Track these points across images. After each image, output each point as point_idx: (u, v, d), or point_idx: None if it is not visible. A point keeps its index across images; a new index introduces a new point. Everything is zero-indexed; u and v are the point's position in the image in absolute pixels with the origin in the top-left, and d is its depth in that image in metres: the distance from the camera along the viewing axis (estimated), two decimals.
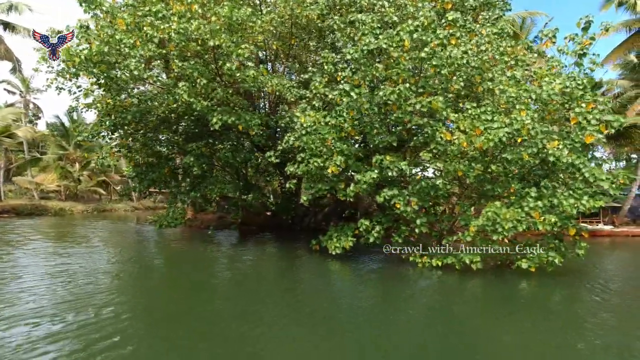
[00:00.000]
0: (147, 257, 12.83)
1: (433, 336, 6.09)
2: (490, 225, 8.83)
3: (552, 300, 8.35)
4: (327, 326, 6.35)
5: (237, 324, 6.24)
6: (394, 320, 6.64)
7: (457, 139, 8.60)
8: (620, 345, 5.72)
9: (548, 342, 5.81)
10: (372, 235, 10.67)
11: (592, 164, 9.25)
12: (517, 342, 5.88)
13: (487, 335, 6.18)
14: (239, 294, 8.36)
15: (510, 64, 10.34)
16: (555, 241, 9.99)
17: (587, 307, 7.90)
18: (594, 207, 8.77)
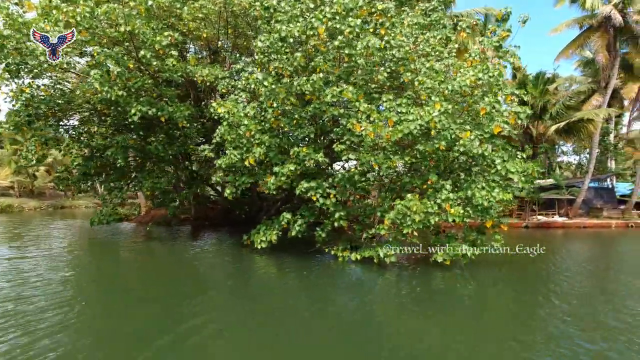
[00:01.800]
0: (59, 255, 12.23)
1: (336, 329, 6.00)
2: (401, 218, 8.72)
3: (453, 293, 8.30)
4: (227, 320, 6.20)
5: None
6: (303, 314, 6.60)
7: (365, 130, 8.41)
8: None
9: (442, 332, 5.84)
10: (294, 229, 10.45)
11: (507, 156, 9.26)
12: (426, 335, 5.86)
13: (394, 328, 6.14)
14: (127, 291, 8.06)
15: (432, 55, 10.20)
16: (474, 233, 9.97)
17: (495, 298, 7.92)
18: (504, 199, 8.76)
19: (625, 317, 6.53)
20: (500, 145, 9.41)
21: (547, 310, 7.03)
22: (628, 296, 8.05)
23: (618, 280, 9.84)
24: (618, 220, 28.66)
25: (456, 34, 10.26)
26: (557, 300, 7.69)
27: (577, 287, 8.76)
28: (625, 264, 11.91)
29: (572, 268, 10.98)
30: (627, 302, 7.55)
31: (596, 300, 7.67)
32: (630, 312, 6.77)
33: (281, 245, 13.16)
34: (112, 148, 11.96)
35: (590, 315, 6.70)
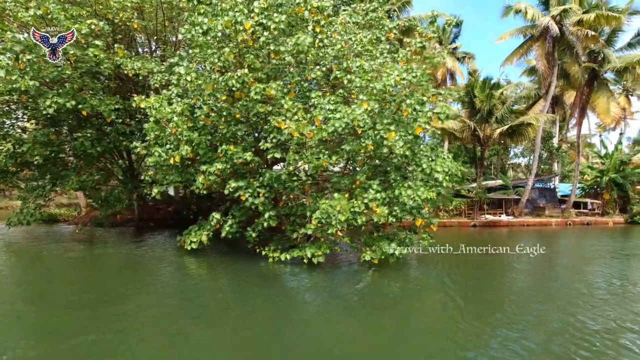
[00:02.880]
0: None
1: (260, 330, 5.77)
2: (326, 217, 8.61)
3: (379, 293, 8.31)
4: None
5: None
6: (228, 315, 6.35)
7: (288, 129, 8.23)
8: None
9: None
10: (224, 229, 10.09)
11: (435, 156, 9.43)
12: (349, 335, 5.76)
13: (317, 327, 6.02)
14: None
15: (364, 54, 10.21)
16: (404, 233, 10.07)
17: (420, 298, 7.96)
18: (428, 197, 8.88)
19: (532, 311, 6.78)
20: (429, 145, 9.57)
21: (469, 308, 7.15)
22: (533, 297, 8.40)
23: (533, 279, 10.30)
24: (558, 219, 30.51)
25: (385, 34, 10.33)
26: (481, 297, 7.89)
27: (498, 284, 9.04)
28: (542, 264, 12.47)
29: (496, 266, 11.37)
30: (532, 304, 7.86)
31: (514, 296, 7.94)
32: (537, 310, 7.03)
33: (219, 246, 12.77)
34: (27, 143, 11.01)
35: (519, 313, 6.87)
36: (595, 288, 8.62)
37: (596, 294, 8.07)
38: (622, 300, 7.50)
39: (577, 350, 5.14)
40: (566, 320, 6.32)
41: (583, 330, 5.87)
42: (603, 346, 5.29)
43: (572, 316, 6.52)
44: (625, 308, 6.97)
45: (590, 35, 23.34)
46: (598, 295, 7.89)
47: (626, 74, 25.49)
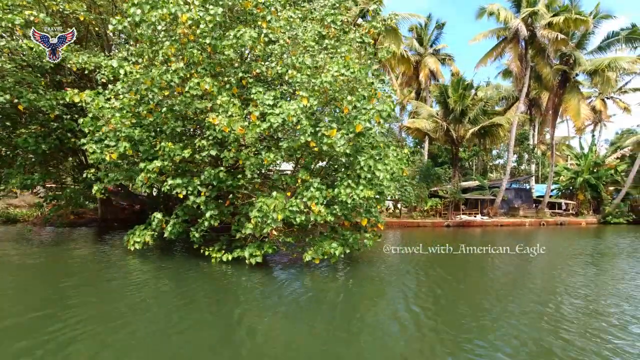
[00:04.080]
0: None
1: (196, 333, 5.55)
2: (261, 216, 8.39)
3: (319, 293, 8.12)
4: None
5: None
6: (162, 317, 6.14)
7: (219, 124, 7.99)
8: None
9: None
10: (166, 230, 9.79)
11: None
12: (286, 335, 5.65)
13: (254, 328, 5.87)
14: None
15: (309, 50, 9.99)
16: (348, 232, 9.89)
17: (360, 298, 7.79)
18: (367, 196, 8.71)
19: (482, 311, 6.66)
20: (375, 143, 9.44)
21: (410, 307, 7.02)
22: (473, 294, 8.31)
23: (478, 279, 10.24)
24: (532, 219, 30.82)
25: (326, 29, 10.14)
26: (420, 296, 7.77)
27: (443, 282, 8.93)
28: (497, 266, 12.44)
29: (442, 265, 11.31)
30: (482, 302, 7.77)
31: (448, 295, 7.83)
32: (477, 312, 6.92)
33: (170, 246, 12.48)
34: None
35: (459, 312, 6.77)
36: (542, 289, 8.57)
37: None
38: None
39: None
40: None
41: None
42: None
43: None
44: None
45: (560, 38, 23.62)
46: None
47: (596, 77, 25.86)
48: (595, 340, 5.60)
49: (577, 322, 6.39)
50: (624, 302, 7.70)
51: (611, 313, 6.95)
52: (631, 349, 5.34)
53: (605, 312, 7.00)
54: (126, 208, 21.01)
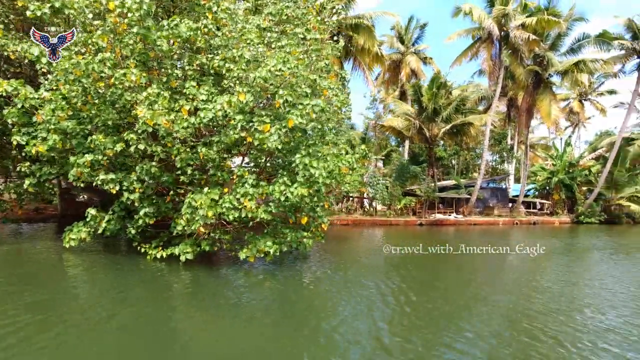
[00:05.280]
0: None
1: (124, 332, 5.46)
2: (190, 212, 8.21)
3: (251, 292, 7.98)
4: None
5: None
6: (91, 316, 5.99)
7: (143, 117, 7.76)
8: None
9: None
10: (101, 226, 9.54)
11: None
12: (212, 334, 5.55)
13: (182, 327, 5.78)
14: None
15: (252, 43, 9.78)
16: (287, 230, 9.73)
17: (293, 296, 7.66)
18: (302, 194, 8.56)
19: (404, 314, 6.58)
20: (307, 141, 9.30)
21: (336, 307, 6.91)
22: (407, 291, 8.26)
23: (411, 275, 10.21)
24: (506, 218, 31.08)
25: (265, 22, 9.93)
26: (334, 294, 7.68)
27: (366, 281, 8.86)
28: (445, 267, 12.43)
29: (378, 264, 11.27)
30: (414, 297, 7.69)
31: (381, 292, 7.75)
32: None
33: (111, 243, 12.26)
34: None
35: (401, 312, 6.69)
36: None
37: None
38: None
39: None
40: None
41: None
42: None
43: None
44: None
45: (532, 39, 23.75)
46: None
47: (567, 78, 26.11)
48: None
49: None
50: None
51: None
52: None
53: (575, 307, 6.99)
54: (87, 203, 20.60)
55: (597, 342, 5.57)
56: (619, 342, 5.58)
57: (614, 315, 6.88)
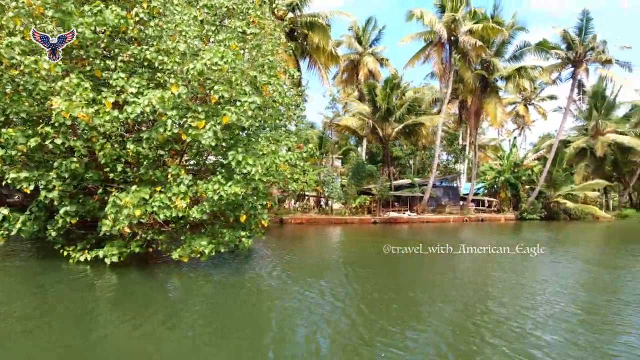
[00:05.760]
0: None
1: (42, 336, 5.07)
2: (115, 212, 7.70)
3: (183, 293, 7.64)
4: None
5: None
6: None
7: (57, 109, 7.17)
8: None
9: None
10: (15, 228, 8.72)
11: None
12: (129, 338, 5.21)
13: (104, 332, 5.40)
14: None
15: (187, 35, 9.36)
16: (225, 230, 9.43)
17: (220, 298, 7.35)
18: (236, 192, 8.31)
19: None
20: (246, 138, 9.07)
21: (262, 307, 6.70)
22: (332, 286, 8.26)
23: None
24: (457, 216, 32.49)
25: (199, 13, 9.54)
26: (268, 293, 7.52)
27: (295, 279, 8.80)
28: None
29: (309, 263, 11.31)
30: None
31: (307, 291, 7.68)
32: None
33: (31, 246, 11.35)
34: None
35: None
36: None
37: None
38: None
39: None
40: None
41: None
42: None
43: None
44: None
45: (479, 44, 24.91)
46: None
47: (510, 82, 27.71)
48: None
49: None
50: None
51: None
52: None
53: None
54: (22, 202, 18.96)
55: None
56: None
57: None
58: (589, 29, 28.81)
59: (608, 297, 7.96)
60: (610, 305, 7.30)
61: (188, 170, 10.15)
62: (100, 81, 8.65)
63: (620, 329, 6.10)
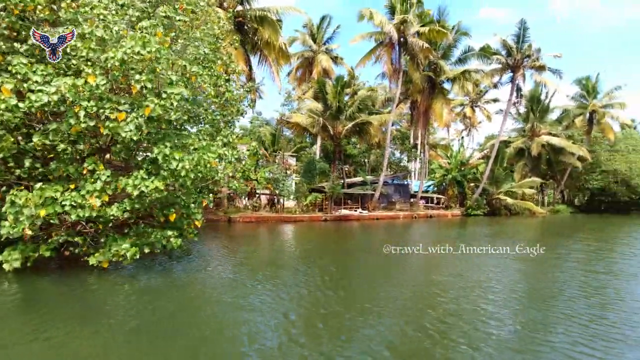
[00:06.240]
0: None
1: None
2: (14, 212, 6.92)
3: (94, 302, 7.01)
4: None
5: None
6: None
7: None
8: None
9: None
10: None
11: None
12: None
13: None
14: None
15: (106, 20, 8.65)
16: (151, 230, 8.88)
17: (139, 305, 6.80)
18: (159, 188, 7.82)
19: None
20: (175, 132, 8.57)
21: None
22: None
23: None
24: (406, 212, 33.54)
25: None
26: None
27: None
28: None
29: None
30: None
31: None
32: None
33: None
34: None
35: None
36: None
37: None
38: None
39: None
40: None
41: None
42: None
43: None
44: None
45: (425, 47, 25.76)
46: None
47: (455, 84, 29.02)
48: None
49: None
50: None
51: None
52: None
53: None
54: None
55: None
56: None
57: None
58: (526, 37, 30.93)
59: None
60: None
61: (114, 166, 9.43)
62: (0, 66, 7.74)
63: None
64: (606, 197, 45.75)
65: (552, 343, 5.33)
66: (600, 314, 6.66)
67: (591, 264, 11.59)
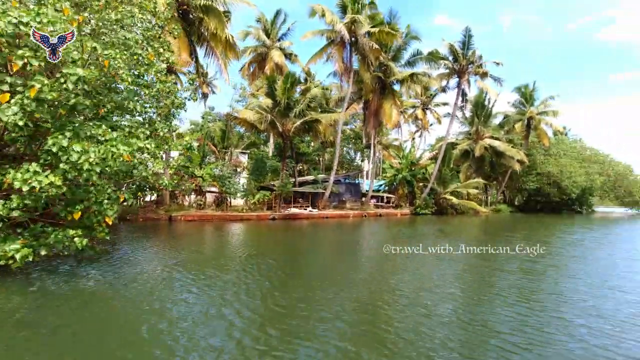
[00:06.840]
0: None
1: None
2: None
3: None
4: None
5: None
6: None
7: None
8: None
9: None
10: None
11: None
12: None
13: None
14: None
15: None
16: (50, 229, 7.93)
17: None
18: (54, 183, 6.95)
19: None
20: (79, 121, 7.69)
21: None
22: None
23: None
24: (356, 211, 33.85)
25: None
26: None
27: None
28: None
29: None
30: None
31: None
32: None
33: None
34: None
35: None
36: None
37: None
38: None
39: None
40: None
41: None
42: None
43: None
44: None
45: (375, 47, 26.06)
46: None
47: (404, 86, 29.73)
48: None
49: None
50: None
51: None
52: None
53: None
54: None
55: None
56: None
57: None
58: (471, 44, 32.47)
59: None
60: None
61: (6, 157, 8.32)
62: None
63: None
64: (541, 197, 49.48)
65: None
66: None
67: (508, 263, 12.17)
